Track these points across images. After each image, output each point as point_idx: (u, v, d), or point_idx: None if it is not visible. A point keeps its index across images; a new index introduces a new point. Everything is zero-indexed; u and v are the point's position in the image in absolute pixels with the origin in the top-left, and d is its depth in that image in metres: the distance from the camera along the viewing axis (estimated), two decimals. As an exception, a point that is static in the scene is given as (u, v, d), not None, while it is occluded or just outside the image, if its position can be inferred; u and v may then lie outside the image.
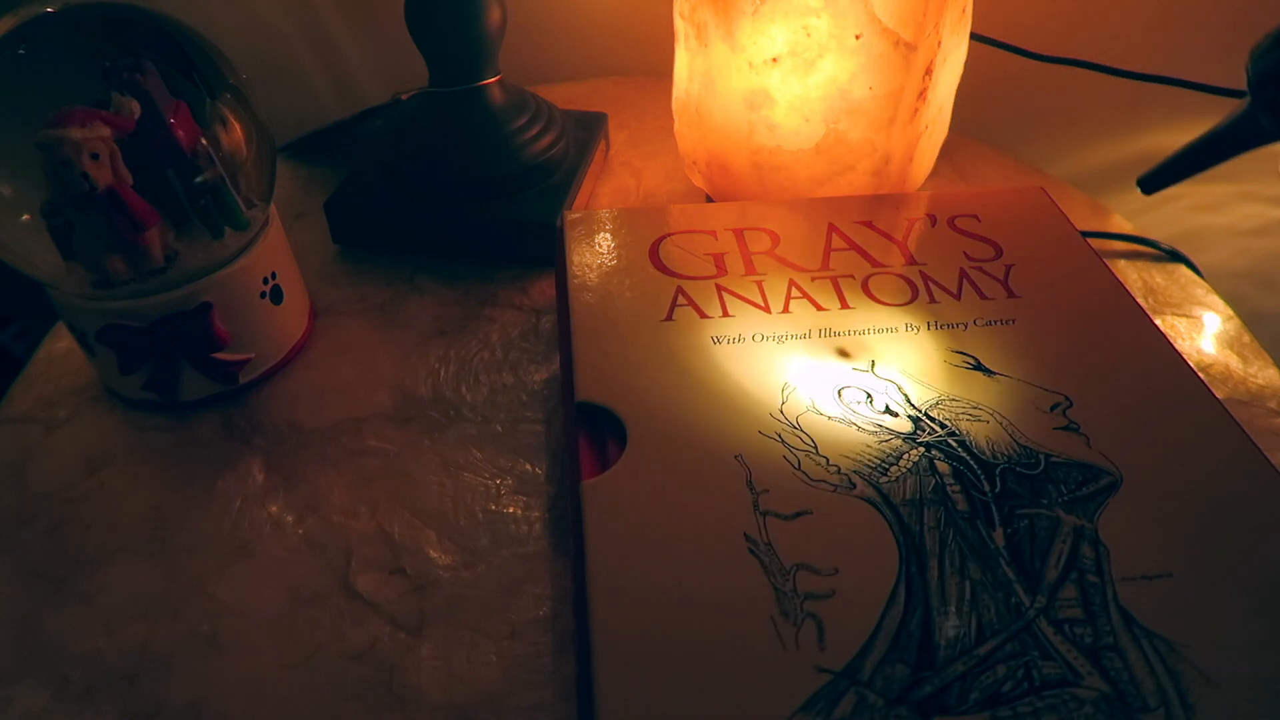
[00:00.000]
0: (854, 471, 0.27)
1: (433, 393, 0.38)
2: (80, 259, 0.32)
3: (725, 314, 0.33)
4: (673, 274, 0.35)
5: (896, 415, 0.29)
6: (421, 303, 0.42)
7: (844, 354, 0.32)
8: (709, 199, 0.47)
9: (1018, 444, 0.28)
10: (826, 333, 0.33)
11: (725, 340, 0.32)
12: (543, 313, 0.42)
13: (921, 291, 0.34)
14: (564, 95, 0.57)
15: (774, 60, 0.37)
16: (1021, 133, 0.58)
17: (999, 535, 0.26)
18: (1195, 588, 0.24)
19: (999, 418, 0.29)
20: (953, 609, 0.24)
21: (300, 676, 0.28)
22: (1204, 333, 0.40)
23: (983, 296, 0.34)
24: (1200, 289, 0.43)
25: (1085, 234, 0.39)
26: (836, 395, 0.30)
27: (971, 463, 0.28)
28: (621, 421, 0.29)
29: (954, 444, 0.28)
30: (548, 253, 0.43)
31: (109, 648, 0.29)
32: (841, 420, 0.29)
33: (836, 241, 0.37)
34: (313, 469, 0.34)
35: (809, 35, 0.36)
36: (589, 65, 0.62)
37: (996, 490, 0.27)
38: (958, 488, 0.27)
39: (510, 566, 0.31)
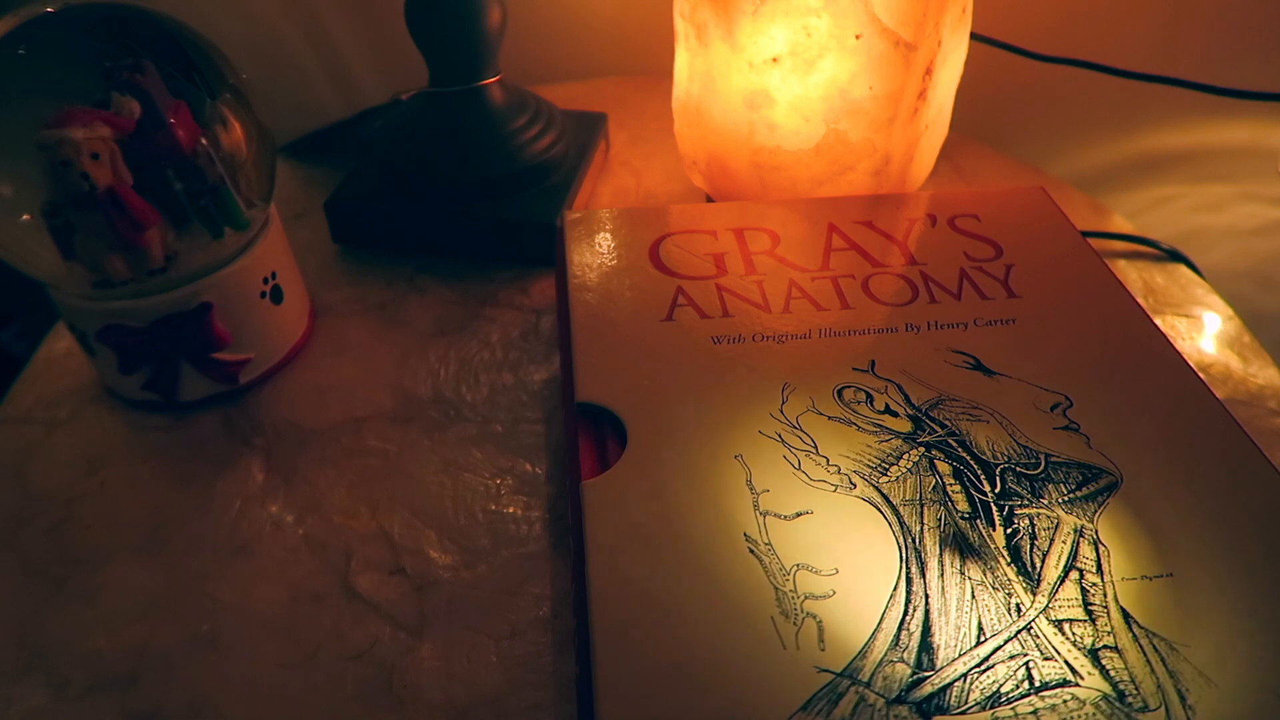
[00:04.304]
0: (854, 471, 0.27)
1: (433, 393, 0.38)
2: (80, 259, 0.32)
3: (725, 314, 0.33)
4: (673, 274, 0.35)
5: (896, 415, 0.29)
6: (421, 303, 0.42)
7: (844, 354, 0.32)
8: (709, 199, 0.47)
9: (1018, 444, 0.28)
10: (826, 333, 0.33)
11: (725, 340, 0.32)
12: (543, 313, 0.42)
13: (921, 291, 0.34)
14: (564, 95, 0.57)
15: (774, 60, 0.37)
16: (1021, 133, 0.58)
17: (999, 535, 0.26)
18: (1195, 588, 0.24)
19: (999, 417, 0.29)
20: (953, 609, 0.24)
21: (300, 676, 0.28)
22: (1204, 333, 0.40)
23: (983, 296, 0.34)
24: (1200, 289, 0.43)
25: (1085, 234, 0.39)
26: (836, 395, 0.30)
27: (971, 463, 0.28)
28: (621, 421, 0.29)
29: (954, 444, 0.28)
30: (548, 253, 0.43)
31: (109, 648, 0.29)
32: (841, 420, 0.29)
33: (836, 241, 0.37)
34: (313, 469, 0.34)
35: (809, 35, 0.36)
36: (589, 65, 0.62)
37: (996, 490, 0.27)
38: (958, 487, 0.27)
39: (510, 566, 0.31)
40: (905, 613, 0.24)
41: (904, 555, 0.25)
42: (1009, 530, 0.26)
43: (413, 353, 0.40)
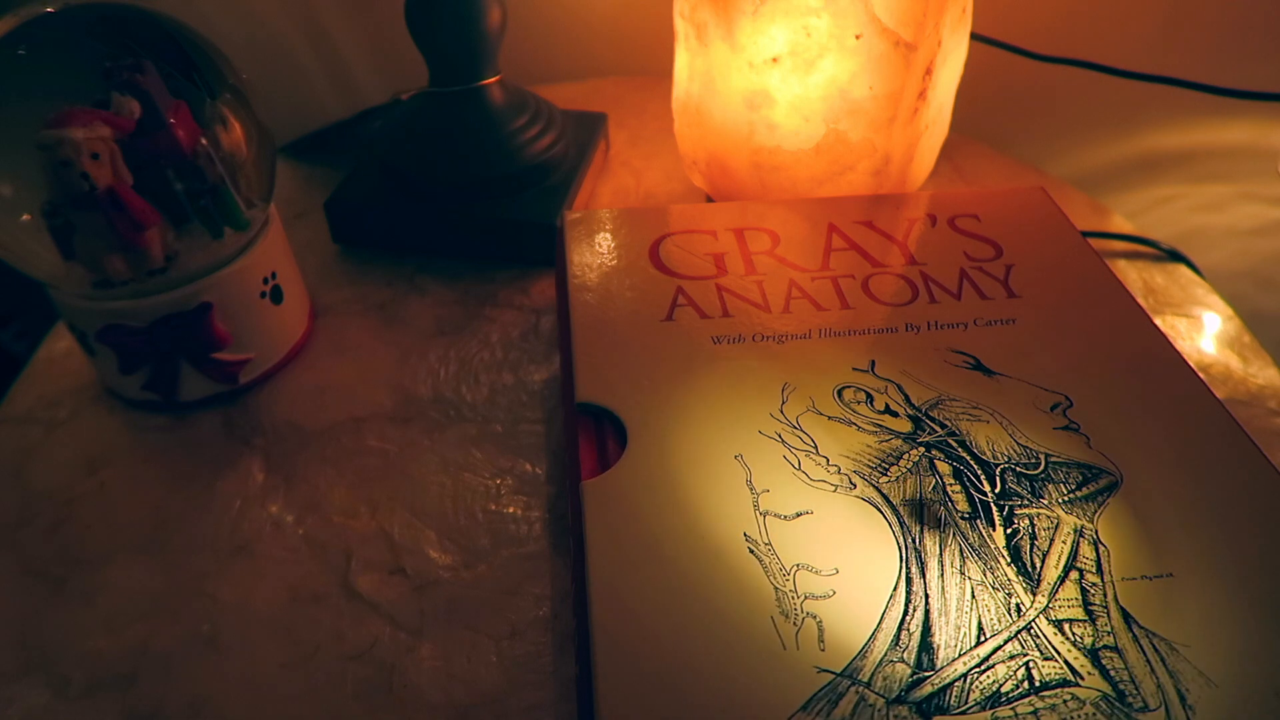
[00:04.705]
0: (854, 471, 0.27)
1: (433, 393, 0.38)
2: (80, 259, 0.32)
3: (725, 314, 0.33)
4: (673, 274, 0.35)
5: (896, 415, 0.29)
6: (421, 303, 0.42)
7: (844, 354, 0.32)
8: (709, 199, 0.47)
9: (1018, 444, 0.28)
10: (826, 333, 0.33)
11: (725, 340, 0.32)
12: (543, 313, 0.42)
13: (921, 291, 0.34)
14: (564, 95, 0.57)
15: (774, 60, 0.37)
16: (1021, 133, 0.58)
17: (999, 535, 0.26)
18: (1195, 588, 0.24)
19: (999, 417, 0.29)
20: (953, 609, 0.24)
21: (300, 676, 0.28)
22: (1204, 333, 0.40)
23: (983, 296, 0.34)
24: (1200, 289, 0.43)
25: (1085, 234, 0.39)
26: (836, 395, 0.30)
27: (971, 463, 0.28)
28: (621, 421, 0.29)
29: (954, 444, 0.28)
30: (548, 253, 0.43)
31: (109, 648, 0.29)
32: (841, 420, 0.29)
33: (836, 241, 0.37)
34: (313, 469, 0.34)
35: (809, 35, 0.36)
36: (589, 65, 0.62)
37: (996, 490, 0.27)
38: (958, 488, 0.27)
39: (510, 566, 0.31)
40: (905, 613, 0.24)
41: (904, 555, 0.25)
42: (1009, 530, 0.26)
43: (413, 353, 0.40)
